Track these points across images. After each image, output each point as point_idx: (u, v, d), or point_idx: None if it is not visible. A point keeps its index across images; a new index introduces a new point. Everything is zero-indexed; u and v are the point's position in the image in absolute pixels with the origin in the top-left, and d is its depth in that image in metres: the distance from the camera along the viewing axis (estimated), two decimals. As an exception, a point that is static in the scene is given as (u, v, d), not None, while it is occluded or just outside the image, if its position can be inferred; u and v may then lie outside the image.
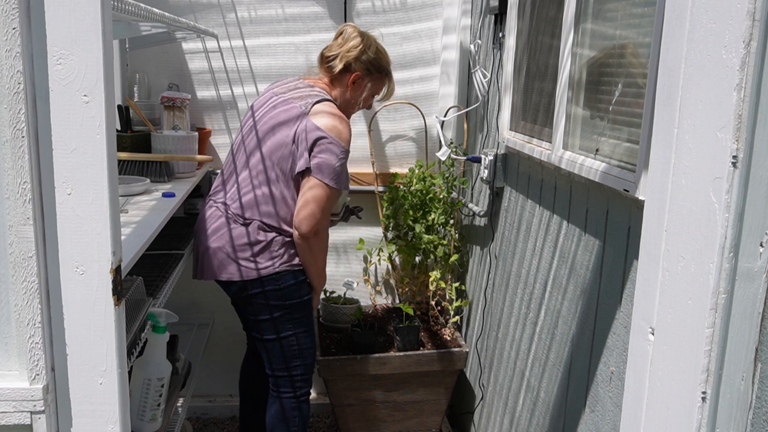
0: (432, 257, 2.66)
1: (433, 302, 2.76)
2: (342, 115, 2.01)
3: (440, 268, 2.62)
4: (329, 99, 2.04)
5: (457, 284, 2.66)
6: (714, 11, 0.73)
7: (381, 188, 2.78)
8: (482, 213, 2.40)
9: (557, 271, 1.72)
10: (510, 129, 2.14)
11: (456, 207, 2.63)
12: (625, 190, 1.28)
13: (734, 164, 0.71)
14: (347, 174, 2.07)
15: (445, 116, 2.67)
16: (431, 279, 2.61)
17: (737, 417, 0.74)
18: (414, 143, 2.85)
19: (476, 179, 2.57)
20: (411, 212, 2.60)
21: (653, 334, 0.85)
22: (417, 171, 2.66)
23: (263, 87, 2.22)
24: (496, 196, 2.28)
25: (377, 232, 2.86)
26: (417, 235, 2.58)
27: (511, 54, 2.10)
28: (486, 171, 2.23)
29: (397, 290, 2.87)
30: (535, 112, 1.93)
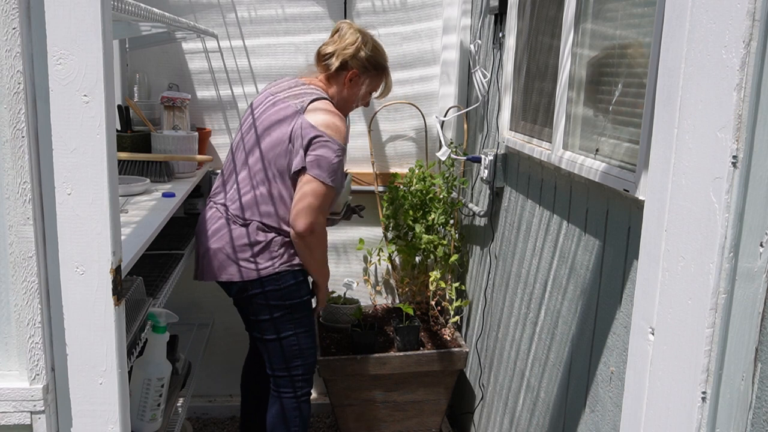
0: (432, 257, 2.66)
1: (433, 302, 2.76)
2: (338, 113, 2.00)
3: (440, 268, 2.62)
4: (325, 97, 2.04)
5: (457, 284, 2.65)
6: (714, 11, 0.73)
7: (381, 188, 2.78)
8: (482, 213, 2.40)
9: (557, 271, 1.72)
10: (510, 129, 2.14)
11: (456, 207, 2.63)
12: (625, 190, 1.28)
13: (734, 164, 0.71)
14: (343, 172, 2.06)
15: (445, 116, 2.67)
16: (431, 279, 2.61)
17: (737, 417, 0.74)
18: (414, 143, 2.85)
19: (476, 179, 2.57)
20: (411, 212, 2.60)
21: (653, 334, 0.85)
22: (417, 171, 2.66)
23: (263, 87, 2.22)
24: (496, 196, 2.28)
25: (377, 232, 2.86)
26: (417, 235, 2.58)
27: (511, 54, 2.10)
28: (486, 171, 2.23)
29: (397, 290, 2.87)
30: (535, 112, 1.93)
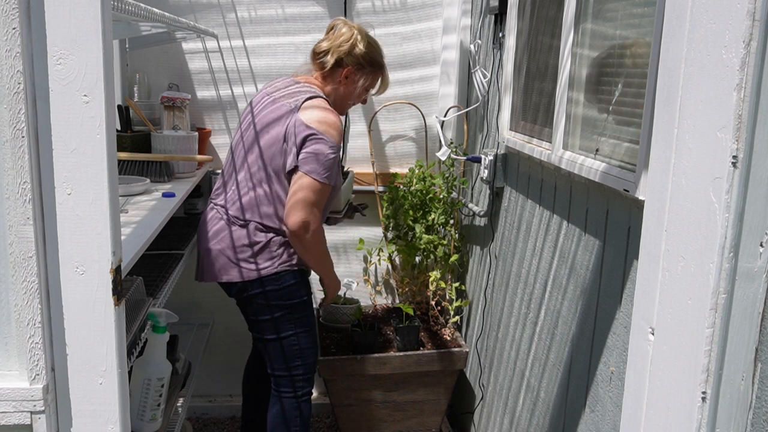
0: (432, 257, 2.66)
1: (433, 302, 2.76)
2: (332, 110, 2.00)
3: (440, 268, 2.62)
4: (320, 95, 2.03)
5: (457, 284, 2.65)
6: (714, 11, 0.73)
7: (381, 188, 2.78)
8: (482, 213, 2.39)
9: (557, 271, 1.72)
10: (510, 129, 2.14)
11: (456, 207, 2.63)
12: (625, 190, 1.28)
13: (734, 164, 0.71)
14: (339, 170, 2.05)
15: (445, 116, 2.67)
16: (431, 279, 2.61)
17: (737, 417, 0.74)
18: (414, 143, 2.85)
19: (476, 179, 2.57)
20: (411, 212, 2.60)
21: (653, 334, 0.85)
22: (417, 171, 2.66)
23: (261, 87, 2.22)
24: (496, 196, 2.28)
25: (377, 232, 2.86)
26: (417, 235, 2.58)
27: (511, 54, 2.10)
28: (486, 171, 2.22)
29: (397, 290, 2.87)
30: (535, 112, 1.93)
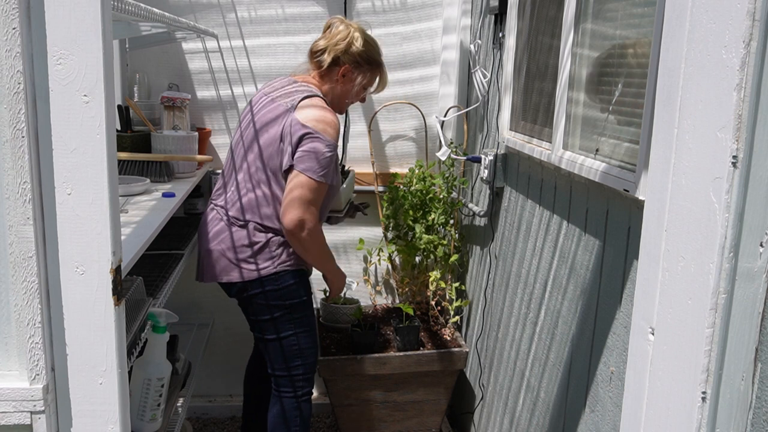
0: (432, 257, 2.66)
1: (433, 302, 2.76)
2: (329, 109, 1.99)
3: (440, 268, 2.62)
4: (317, 94, 2.02)
5: (457, 284, 2.65)
6: (714, 11, 0.73)
7: (381, 188, 2.78)
8: (482, 213, 2.39)
9: (557, 271, 1.72)
10: (510, 129, 2.14)
11: (456, 207, 2.63)
12: (625, 190, 1.28)
13: (734, 164, 0.71)
14: (336, 169, 2.04)
15: (445, 116, 2.67)
16: (431, 279, 2.61)
17: (737, 417, 0.74)
18: (414, 143, 2.85)
19: (476, 179, 2.57)
20: (411, 212, 2.60)
21: (653, 334, 0.85)
22: (417, 171, 2.66)
23: (260, 87, 2.22)
24: (496, 196, 2.28)
25: (377, 232, 2.86)
26: (417, 235, 2.58)
27: (511, 54, 2.10)
28: (486, 171, 2.22)
29: (397, 290, 2.87)
30: (535, 112, 1.93)
